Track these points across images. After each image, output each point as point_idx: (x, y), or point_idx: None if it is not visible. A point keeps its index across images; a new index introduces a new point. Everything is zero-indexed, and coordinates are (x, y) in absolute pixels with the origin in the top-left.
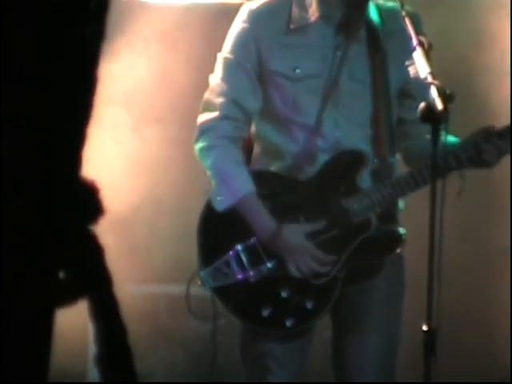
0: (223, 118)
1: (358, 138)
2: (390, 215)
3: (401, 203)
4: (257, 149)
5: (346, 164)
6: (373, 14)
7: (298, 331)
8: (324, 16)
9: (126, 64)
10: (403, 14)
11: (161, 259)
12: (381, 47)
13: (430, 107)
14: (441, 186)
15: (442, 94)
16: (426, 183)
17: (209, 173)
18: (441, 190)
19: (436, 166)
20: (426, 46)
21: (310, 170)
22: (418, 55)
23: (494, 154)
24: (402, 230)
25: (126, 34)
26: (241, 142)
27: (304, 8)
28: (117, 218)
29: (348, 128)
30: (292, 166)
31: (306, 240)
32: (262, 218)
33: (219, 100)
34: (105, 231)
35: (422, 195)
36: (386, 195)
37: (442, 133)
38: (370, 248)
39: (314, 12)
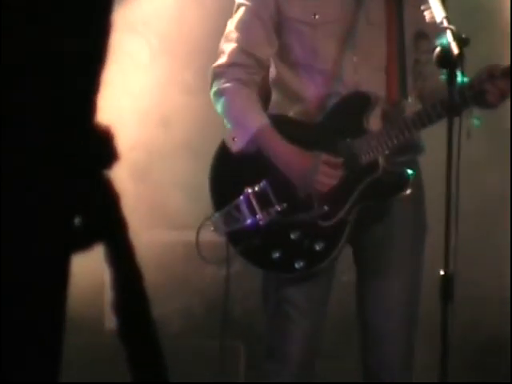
0: (232, 64)
1: (375, 82)
2: (401, 155)
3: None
4: (275, 94)
5: (352, 106)
6: None
7: (311, 274)
8: None
9: None
10: None
11: (178, 205)
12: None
13: (446, 51)
14: (457, 127)
15: (457, 38)
16: (441, 117)
17: (223, 117)
18: (458, 131)
19: (451, 107)
20: None
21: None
22: (434, 0)
23: (497, 94)
24: (409, 172)
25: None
26: (254, 85)
27: None
28: (133, 164)
29: (367, 72)
30: (310, 111)
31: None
32: (279, 144)
33: (229, 47)
34: (122, 178)
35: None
36: (393, 136)
37: (458, 76)
38: (377, 190)
39: None
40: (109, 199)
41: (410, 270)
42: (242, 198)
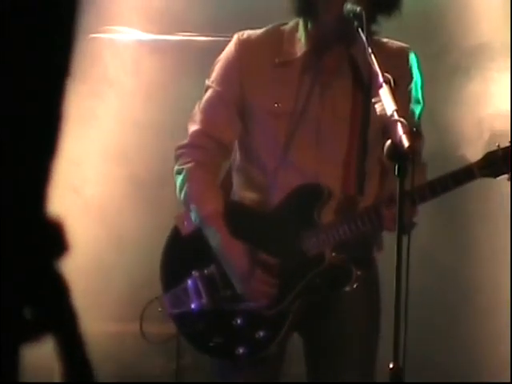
0: (193, 146)
1: (334, 175)
2: (349, 251)
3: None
4: (236, 179)
5: (306, 198)
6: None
7: (255, 361)
8: (310, 52)
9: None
10: (369, 50)
11: (129, 299)
12: (365, 84)
13: (396, 145)
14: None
15: (408, 131)
16: (380, 221)
17: (179, 196)
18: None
19: (403, 205)
20: (392, 83)
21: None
22: (385, 92)
23: (391, 221)
24: (352, 271)
25: (92, 70)
26: (214, 167)
27: (293, 42)
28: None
29: (326, 164)
30: (267, 199)
31: (257, 265)
32: (223, 236)
33: (193, 128)
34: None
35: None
36: (342, 231)
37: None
38: (321, 283)
39: (301, 47)
40: (59, 290)
41: (361, 361)
42: (189, 280)
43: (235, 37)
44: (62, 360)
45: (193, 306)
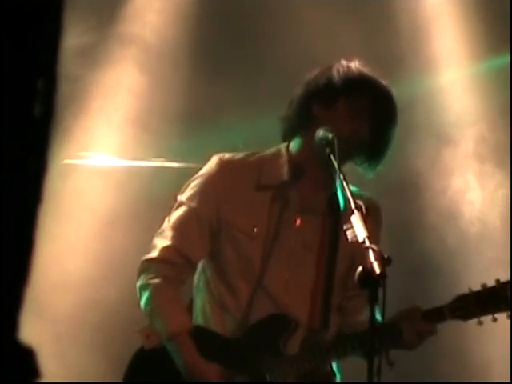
0: (162, 260)
1: (301, 306)
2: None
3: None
4: (199, 299)
5: (272, 328)
6: (339, 192)
7: None
8: (292, 180)
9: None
10: (341, 177)
11: None
12: (338, 225)
13: (368, 271)
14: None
15: (379, 258)
16: (355, 352)
17: (144, 311)
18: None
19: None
20: (363, 210)
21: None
22: (356, 219)
23: (414, 335)
24: None
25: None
26: (180, 284)
27: (275, 168)
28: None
29: (295, 293)
30: (234, 321)
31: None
32: (190, 354)
33: (163, 243)
34: None
35: None
36: (306, 363)
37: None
38: None
39: (284, 174)
40: None
41: None
42: None
43: (216, 158)
44: None
45: None
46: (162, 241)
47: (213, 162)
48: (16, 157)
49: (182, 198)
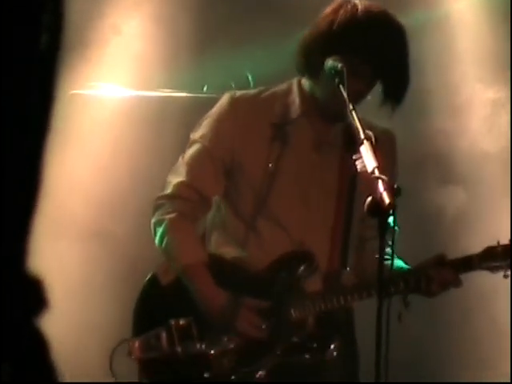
0: (176, 196)
1: (320, 244)
2: (331, 322)
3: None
4: (215, 236)
5: (294, 264)
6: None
7: None
8: (305, 115)
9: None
10: (350, 107)
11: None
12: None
13: (377, 201)
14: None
15: (389, 188)
16: (370, 296)
17: (159, 249)
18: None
19: (382, 267)
20: (373, 140)
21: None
22: (365, 149)
23: (440, 283)
24: (333, 341)
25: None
26: (195, 220)
27: (287, 105)
28: None
29: (313, 231)
30: (250, 258)
31: (241, 310)
32: (206, 284)
33: (176, 179)
34: None
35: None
36: (328, 301)
37: (389, 226)
38: (299, 350)
39: (295, 110)
40: (38, 347)
41: None
42: (163, 327)
43: (227, 95)
44: None
45: (164, 353)
46: (176, 177)
47: (224, 101)
48: (24, 87)
49: (195, 136)
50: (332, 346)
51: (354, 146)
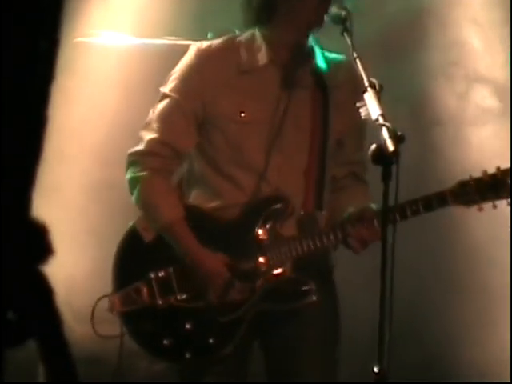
0: (149, 153)
1: (295, 187)
2: (309, 266)
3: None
4: (193, 191)
5: (269, 208)
6: (320, 62)
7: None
8: (272, 61)
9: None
10: (355, 55)
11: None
12: (325, 96)
13: (381, 148)
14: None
15: (393, 135)
16: (345, 239)
17: (136, 205)
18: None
19: (386, 212)
20: (377, 87)
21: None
22: (369, 97)
23: (357, 239)
24: (311, 285)
25: (75, 74)
26: (169, 175)
27: (253, 52)
28: None
29: (288, 175)
30: (228, 208)
31: (224, 269)
32: (189, 242)
33: (149, 135)
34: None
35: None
36: (305, 245)
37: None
38: (277, 295)
39: (262, 56)
40: (42, 294)
41: (321, 373)
42: (143, 281)
43: (194, 47)
44: (46, 362)
45: (144, 306)
46: (148, 133)
47: (191, 52)
48: (28, 35)
49: (165, 89)
50: (310, 290)
51: (324, 87)
